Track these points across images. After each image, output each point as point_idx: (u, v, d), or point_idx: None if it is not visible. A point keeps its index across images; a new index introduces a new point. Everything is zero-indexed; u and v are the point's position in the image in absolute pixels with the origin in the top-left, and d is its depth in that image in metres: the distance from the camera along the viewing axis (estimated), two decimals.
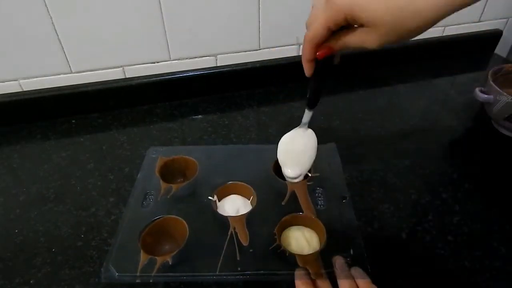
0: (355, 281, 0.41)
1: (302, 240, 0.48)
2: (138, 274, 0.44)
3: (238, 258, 0.46)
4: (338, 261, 0.44)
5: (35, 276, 0.47)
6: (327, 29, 0.37)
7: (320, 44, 0.39)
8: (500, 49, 0.95)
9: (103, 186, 0.60)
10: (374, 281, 0.41)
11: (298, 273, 0.44)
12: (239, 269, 0.45)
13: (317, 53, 0.40)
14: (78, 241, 0.51)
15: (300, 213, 0.50)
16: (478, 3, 0.84)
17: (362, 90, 0.82)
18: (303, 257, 0.44)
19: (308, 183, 0.54)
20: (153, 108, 0.77)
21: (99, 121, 0.74)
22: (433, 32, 0.87)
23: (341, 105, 0.78)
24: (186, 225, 0.48)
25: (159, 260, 0.44)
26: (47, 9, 0.63)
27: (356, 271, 0.43)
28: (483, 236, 0.50)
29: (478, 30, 0.90)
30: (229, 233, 0.48)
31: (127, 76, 0.74)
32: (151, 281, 0.44)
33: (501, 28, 0.92)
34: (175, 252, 0.44)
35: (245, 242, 0.47)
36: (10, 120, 0.73)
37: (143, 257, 0.44)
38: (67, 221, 0.54)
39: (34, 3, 0.61)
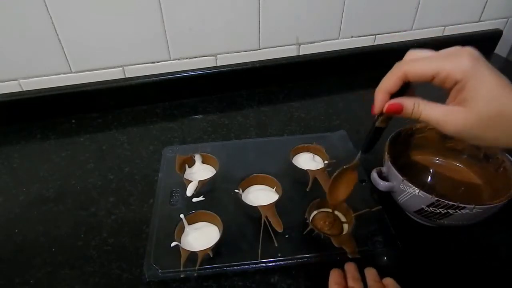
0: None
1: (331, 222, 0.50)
2: (182, 269, 0.45)
3: (276, 245, 0.48)
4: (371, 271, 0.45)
5: (35, 276, 0.47)
6: (432, 75, 0.33)
7: (401, 89, 0.36)
8: (500, 49, 0.95)
9: (103, 186, 0.60)
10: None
11: (332, 271, 0.44)
12: (279, 255, 0.47)
13: (389, 104, 0.37)
14: (78, 241, 0.51)
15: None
16: (478, 3, 0.85)
17: (362, 90, 0.82)
18: (338, 238, 0.47)
19: (328, 169, 0.57)
20: (153, 108, 0.77)
21: (99, 121, 0.74)
22: (433, 32, 0.87)
23: (341, 105, 0.78)
24: (219, 218, 0.49)
25: (200, 254, 0.45)
26: (47, 9, 0.63)
27: (388, 280, 0.43)
28: None
29: (478, 30, 0.90)
30: (262, 221, 0.50)
31: (127, 76, 0.74)
32: (195, 274, 0.45)
33: (501, 28, 0.92)
34: (213, 245, 0.45)
35: (279, 229, 0.49)
36: (10, 120, 0.73)
37: (184, 253, 0.45)
38: (67, 221, 0.54)
39: (34, 3, 0.61)
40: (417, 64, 0.34)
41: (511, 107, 0.31)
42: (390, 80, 0.36)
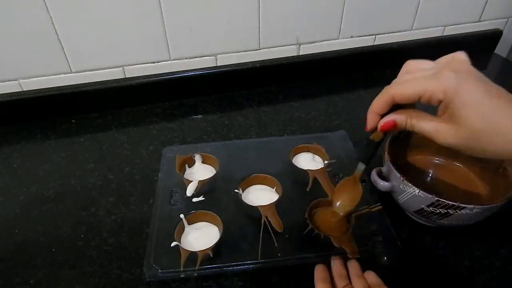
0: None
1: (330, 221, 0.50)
2: (182, 269, 0.45)
3: (276, 245, 0.48)
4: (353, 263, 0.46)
5: (35, 276, 0.47)
6: (417, 96, 0.34)
7: (394, 108, 0.37)
8: (500, 49, 0.95)
9: (103, 186, 0.60)
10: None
11: (317, 267, 0.46)
12: (279, 255, 0.47)
13: (382, 123, 0.38)
14: (78, 241, 0.51)
15: (327, 198, 0.52)
16: (478, 3, 0.85)
17: (362, 90, 0.82)
18: (338, 238, 0.46)
19: (328, 169, 0.57)
20: (153, 108, 0.77)
21: (99, 121, 0.74)
22: (433, 32, 0.87)
23: (341, 105, 0.78)
24: (219, 218, 0.49)
25: (200, 253, 0.45)
26: (47, 9, 0.63)
27: (370, 274, 0.44)
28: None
29: (478, 30, 0.90)
30: (262, 221, 0.50)
31: (127, 76, 0.74)
32: (195, 274, 0.45)
33: (501, 28, 0.92)
34: (213, 245, 0.45)
35: (279, 229, 0.49)
36: (10, 120, 0.73)
37: (184, 253, 0.45)
38: (67, 221, 0.54)
39: (34, 2, 0.61)
40: (402, 87, 0.36)
41: (496, 121, 0.32)
42: (379, 104, 0.38)
